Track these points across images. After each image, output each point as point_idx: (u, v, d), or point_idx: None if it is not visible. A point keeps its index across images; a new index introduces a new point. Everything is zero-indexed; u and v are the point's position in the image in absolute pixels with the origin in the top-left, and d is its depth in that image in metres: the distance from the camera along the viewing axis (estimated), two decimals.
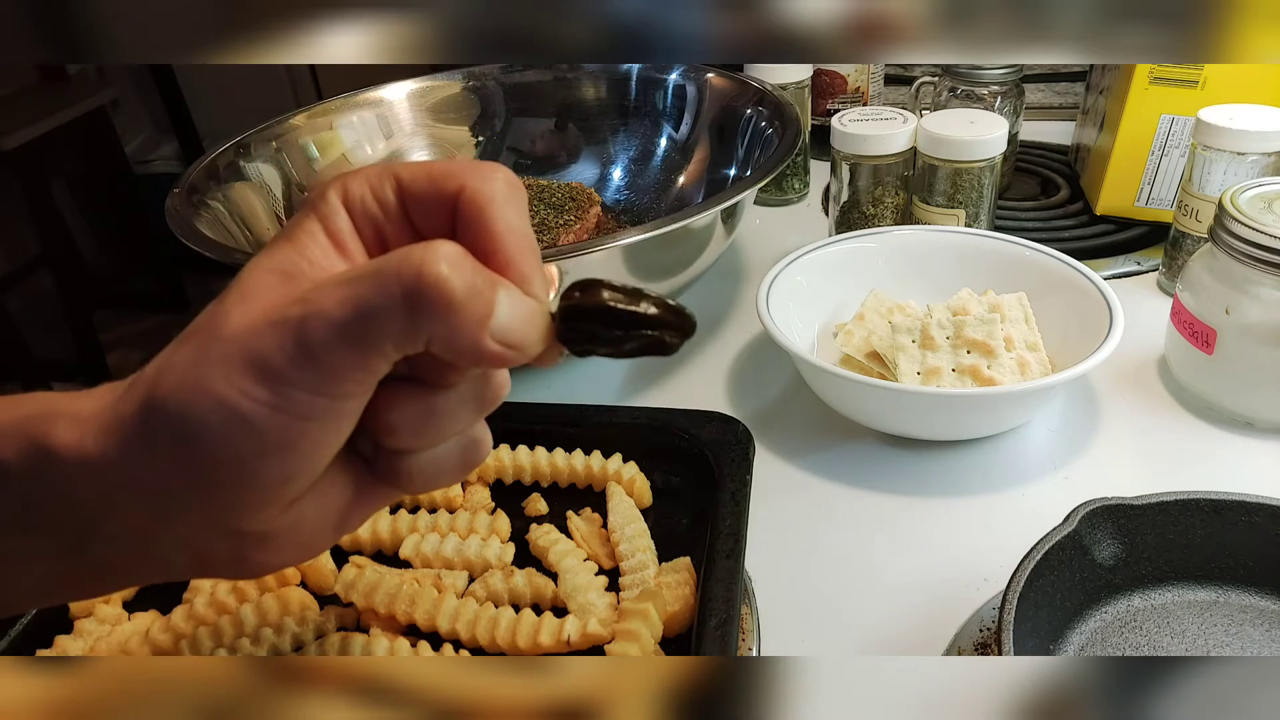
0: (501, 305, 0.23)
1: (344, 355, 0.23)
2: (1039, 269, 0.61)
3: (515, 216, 0.26)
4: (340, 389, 0.23)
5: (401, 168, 0.27)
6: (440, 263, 0.22)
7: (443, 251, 0.22)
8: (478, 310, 0.23)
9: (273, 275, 0.25)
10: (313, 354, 0.22)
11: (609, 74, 0.84)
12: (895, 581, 0.47)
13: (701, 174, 0.79)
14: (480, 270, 0.23)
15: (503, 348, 0.24)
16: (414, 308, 0.22)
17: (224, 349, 0.23)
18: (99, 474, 0.24)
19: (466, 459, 0.28)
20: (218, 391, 0.22)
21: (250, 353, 0.23)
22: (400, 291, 0.22)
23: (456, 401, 0.26)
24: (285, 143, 0.75)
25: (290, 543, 0.26)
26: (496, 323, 0.23)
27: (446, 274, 0.22)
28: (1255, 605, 0.42)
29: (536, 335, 0.25)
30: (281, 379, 0.22)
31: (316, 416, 0.23)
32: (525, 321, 0.24)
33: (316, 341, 0.22)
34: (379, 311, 0.22)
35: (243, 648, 0.40)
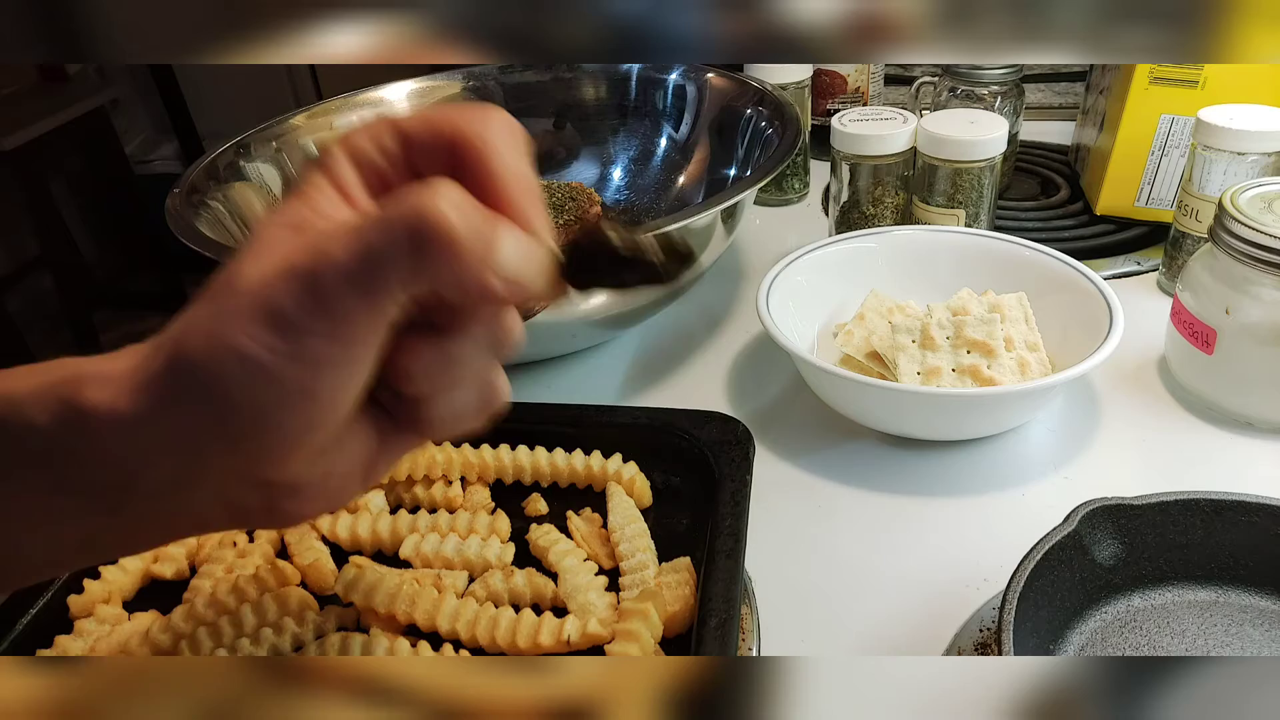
0: (504, 242, 0.24)
1: (354, 300, 0.23)
2: (1039, 269, 0.61)
3: (514, 158, 0.27)
4: (353, 333, 0.24)
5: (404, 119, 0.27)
6: (440, 201, 0.23)
7: (442, 191, 0.23)
8: (480, 247, 0.23)
9: (284, 229, 0.25)
10: (324, 300, 0.23)
11: (609, 74, 0.84)
12: (895, 581, 0.47)
13: (701, 174, 0.79)
14: (481, 209, 0.24)
15: (507, 284, 0.24)
16: (418, 248, 0.23)
17: (240, 302, 0.23)
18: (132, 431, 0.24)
19: (485, 403, 0.29)
20: (236, 343, 0.23)
21: (265, 303, 0.23)
22: (404, 233, 0.23)
23: (471, 345, 0.27)
24: (285, 143, 0.75)
25: (320, 492, 0.27)
26: (500, 259, 0.24)
27: (447, 212, 0.23)
28: (1255, 605, 0.42)
29: (540, 272, 0.25)
30: (296, 327, 0.23)
31: (333, 363, 0.24)
32: (528, 258, 0.25)
33: (327, 288, 0.23)
34: (385, 254, 0.23)
35: (243, 648, 0.40)
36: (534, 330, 0.57)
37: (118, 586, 0.44)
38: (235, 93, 2.44)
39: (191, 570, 0.46)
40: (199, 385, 0.23)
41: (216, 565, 0.45)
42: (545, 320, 0.56)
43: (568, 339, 0.63)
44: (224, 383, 0.23)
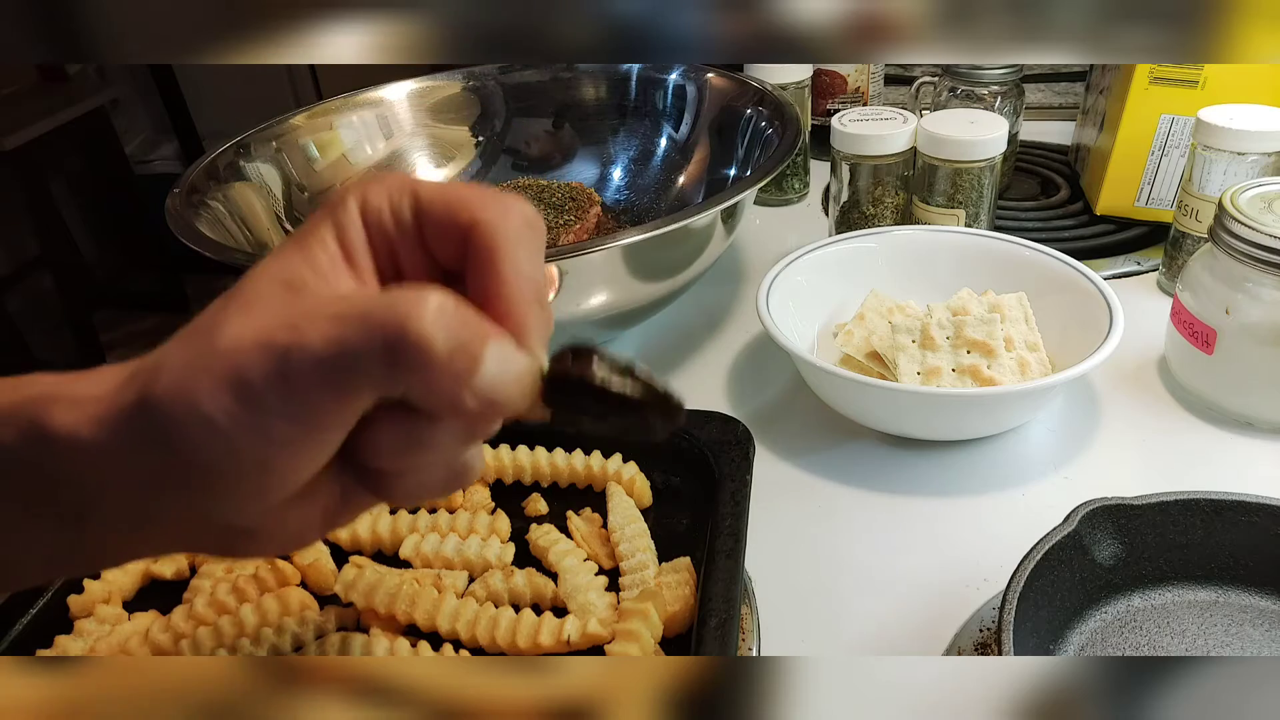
0: (488, 362, 0.23)
1: (322, 392, 0.23)
2: (1039, 269, 0.61)
3: (525, 261, 0.26)
4: (317, 421, 0.23)
5: (423, 186, 0.27)
6: (424, 318, 0.22)
7: (430, 304, 0.22)
8: (459, 367, 0.23)
9: (276, 285, 0.25)
10: (292, 385, 0.22)
11: (609, 74, 0.84)
12: (895, 581, 0.47)
13: (701, 174, 0.79)
14: (470, 323, 0.23)
15: (483, 405, 0.23)
16: (393, 359, 0.22)
17: (214, 362, 0.23)
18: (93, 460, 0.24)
19: (453, 482, 0.28)
20: (202, 405, 0.23)
21: (236, 371, 0.23)
22: (382, 341, 0.22)
23: (444, 432, 0.26)
24: (285, 143, 0.75)
25: (276, 538, 0.27)
26: (480, 380, 0.23)
27: (429, 331, 0.22)
28: (1255, 605, 0.42)
29: (521, 393, 0.24)
30: (261, 405, 0.23)
31: (293, 443, 0.23)
32: (511, 379, 0.24)
33: (297, 374, 0.22)
34: (359, 356, 0.22)
35: (243, 648, 0.40)
36: None
37: (118, 586, 0.44)
38: (235, 93, 2.44)
39: (191, 570, 0.46)
40: (160, 433, 0.23)
41: (216, 565, 0.45)
42: None
43: (568, 339, 0.63)
44: (183, 438, 0.23)
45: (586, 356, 0.25)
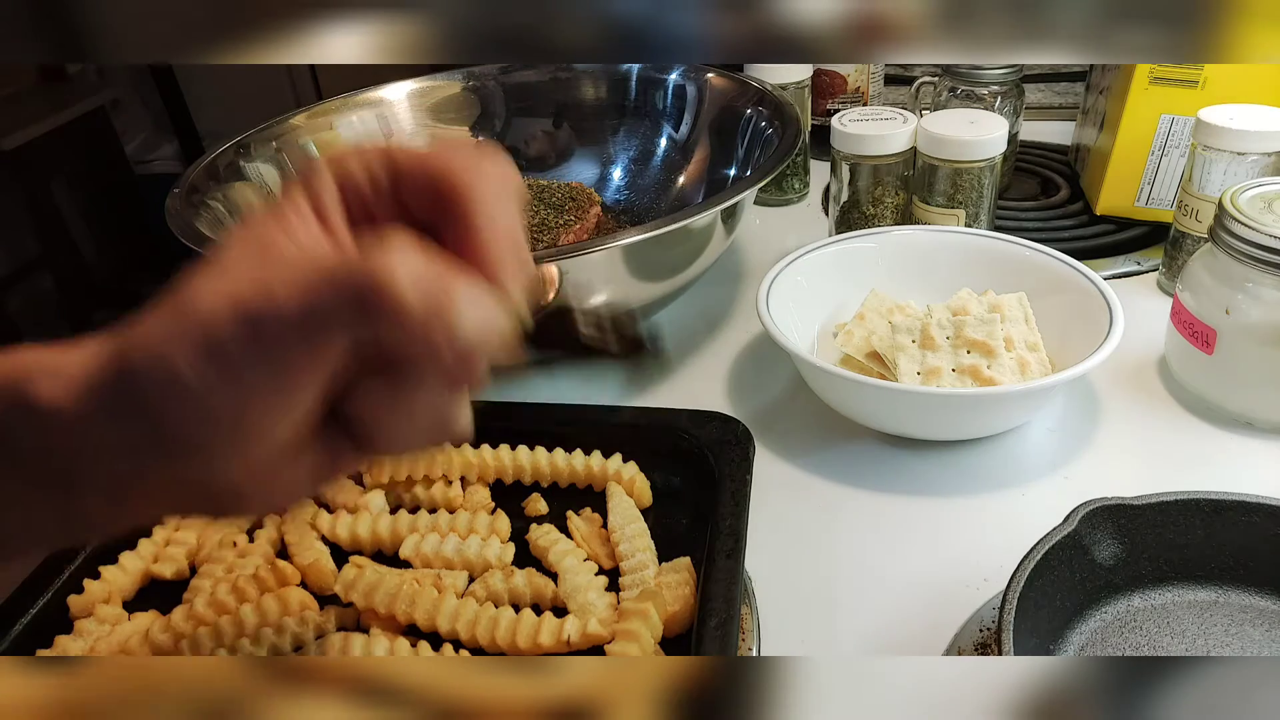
0: (463, 308, 0.23)
1: (294, 348, 0.23)
2: (1039, 269, 0.61)
3: (500, 211, 0.26)
4: (291, 378, 0.24)
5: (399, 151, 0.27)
6: (394, 267, 0.22)
7: (399, 255, 0.22)
8: (434, 314, 0.23)
9: (249, 248, 0.25)
10: (264, 343, 0.23)
11: (609, 74, 0.84)
12: (895, 581, 0.47)
13: (701, 174, 0.79)
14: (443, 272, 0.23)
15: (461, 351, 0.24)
16: (364, 311, 0.22)
17: (186, 325, 0.23)
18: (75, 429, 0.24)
19: (439, 435, 0.28)
20: (176, 368, 0.23)
21: (208, 333, 0.23)
22: (352, 293, 0.22)
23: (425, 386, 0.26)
24: (285, 143, 0.75)
25: (265, 496, 0.27)
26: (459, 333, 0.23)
27: (400, 280, 0.22)
28: (1255, 605, 0.42)
29: (499, 339, 0.25)
30: (233, 363, 0.23)
31: (268, 401, 0.24)
32: (487, 326, 0.24)
33: (268, 332, 0.23)
34: (330, 311, 0.22)
35: (243, 648, 0.40)
36: None
37: (118, 586, 0.44)
38: (235, 93, 2.44)
39: (191, 570, 0.46)
40: (137, 399, 0.23)
41: (216, 565, 0.45)
42: None
43: None
44: (159, 403, 0.23)
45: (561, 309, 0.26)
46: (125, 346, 0.24)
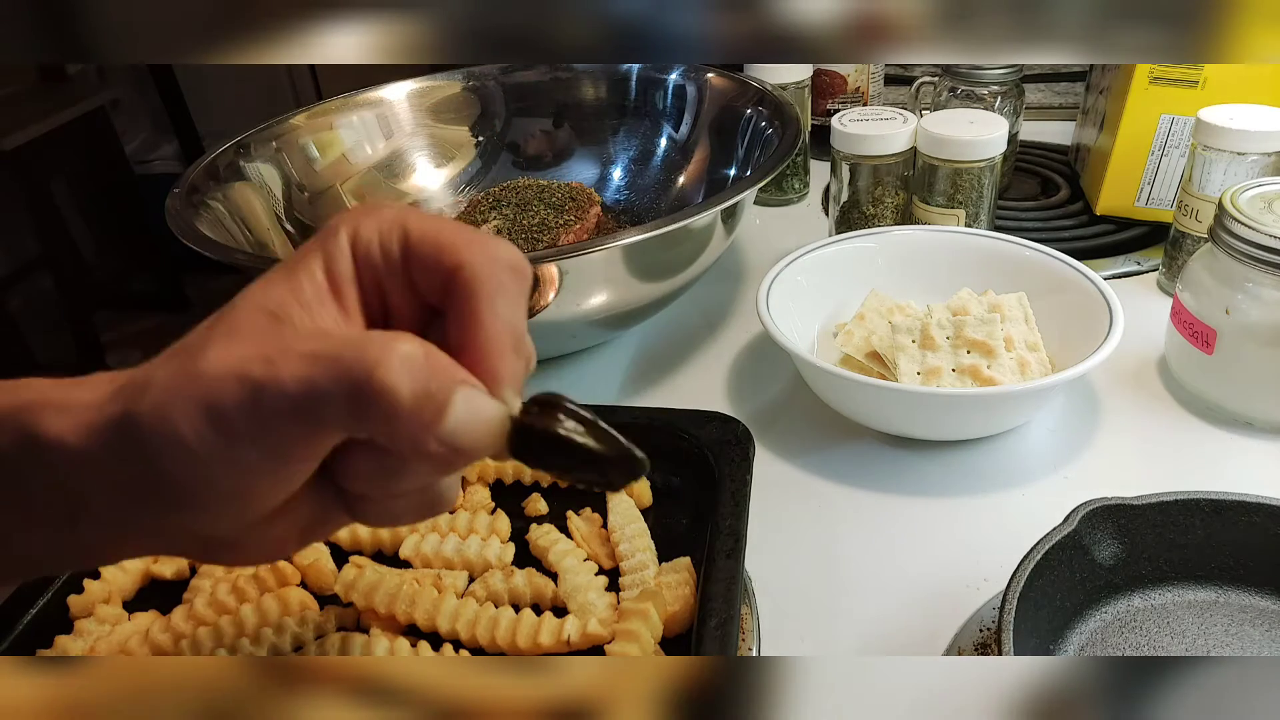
0: (455, 410, 0.23)
1: (291, 427, 0.23)
2: (1039, 269, 0.61)
3: (506, 308, 0.26)
4: (287, 452, 0.24)
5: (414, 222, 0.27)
6: (391, 366, 0.22)
7: (398, 353, 0.22)
8: (424, 414, 0.23)
9: (262, 315, 0.25)
10: (263, 418, 0.23)
11: (609, 74, 0.84)
12: (895, 581, 0.47)
13: (701, 174, 0.79)
14: (439, 371, 0.23)
15: (448, 450, 0.24)
16: (358, 404, 0.23)
17: (193, 387, 0.23)
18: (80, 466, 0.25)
19: (426, 510, 0.28)
20: (179, 429, 0.23)
21: (212, 399, 0.23)
22: (349, 385, 0.22)
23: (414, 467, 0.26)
24: (285, 143, 0.75)
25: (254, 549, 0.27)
26: (445, 427, 0.23)
27: (394, 381, 0.22)
28: (1255, 605, 0.42)
29: (488, 441, 0.25)
30: (233, 433, 0.23)
31: (264, 472, 0.24)
32: (478, 428, 0.24)
33: (268, 409, 0.23)
34: (328, 398, 0.23)
35: (243, 648, 0.40)
36: (534, 330, 0.57)
37: (118, 586, 0.44)
38: (235, 93, 2.44)
39: (191, 570, 0.46)
40: (141, 448, 0.24)
41: (216, 565, 0.45)
42: (545, 320, 0.56)
43: (567, 339, 0.63)
44: (161, 457, 0.24)
45: (553, 409, 0.25)
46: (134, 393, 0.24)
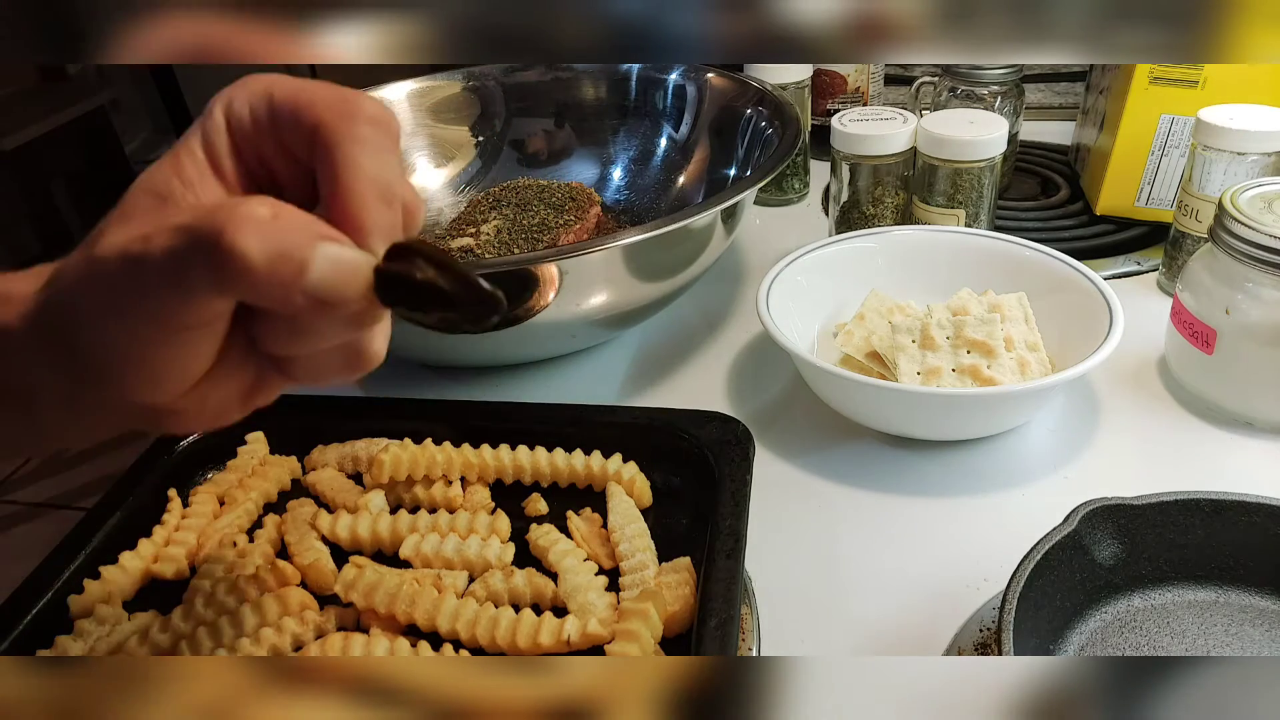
0: (317, 264, 0.24)
1: (169, 296, 0.24)
2: (1039, 269, 0.61)
3: (369, 160, 0.26)
4: (177, 322, 0.25)
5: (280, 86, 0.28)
6: (239, 230, 0.23)
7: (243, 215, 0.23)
8: (283, 273, 0.23)
9: (148, 197, 0.27)
10: (145, 292, 0.24)
11: (609, 74, 0.84)
12: (895, 581, 0.47)
13: (701, 174, 0.79)
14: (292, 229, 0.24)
15: (316, 303, 0.24)
16: (217, 270, 0.23)
17: (89, 268, 0.25)
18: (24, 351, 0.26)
19: (352, 365, 0.29)
20: (79, 305, 0.25)
21: (104, 278, 0.24)
22: (205, 252, 0.23)
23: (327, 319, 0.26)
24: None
25: (198, 415, 0.28)
26: (309, 281, 0.24)
27: (242, 244, 0.23)
28: (1255, 605, 0.42)
29: (355, 292, 0.25)
30: (124, 308, 0.24)
31: (164, 342, 0.25)
32: (342, 280, 0.24)
33: (147, 282, 0.24)
34: (191, 265, 0.23)
35: (243, 648, 0.40)
36: (534, 330, 0.57)
37: (118, 586, 0.44)
38: None
39: (191, 570, 0.46)
40: (59, 330, 0.25)
41: (216, 565, 0.45)
42: (545, 320, 0.56)
43: (567, 339, 0.63)
44: (75, 336, 0.25)
45: (411, 254, 0.26)
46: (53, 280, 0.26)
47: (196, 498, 0.49)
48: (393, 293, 0.26)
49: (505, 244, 0.67)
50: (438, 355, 0.64)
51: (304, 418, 0.55)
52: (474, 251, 0.67)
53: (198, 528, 0.47)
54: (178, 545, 0.47)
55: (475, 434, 0.51)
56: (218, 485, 0.50)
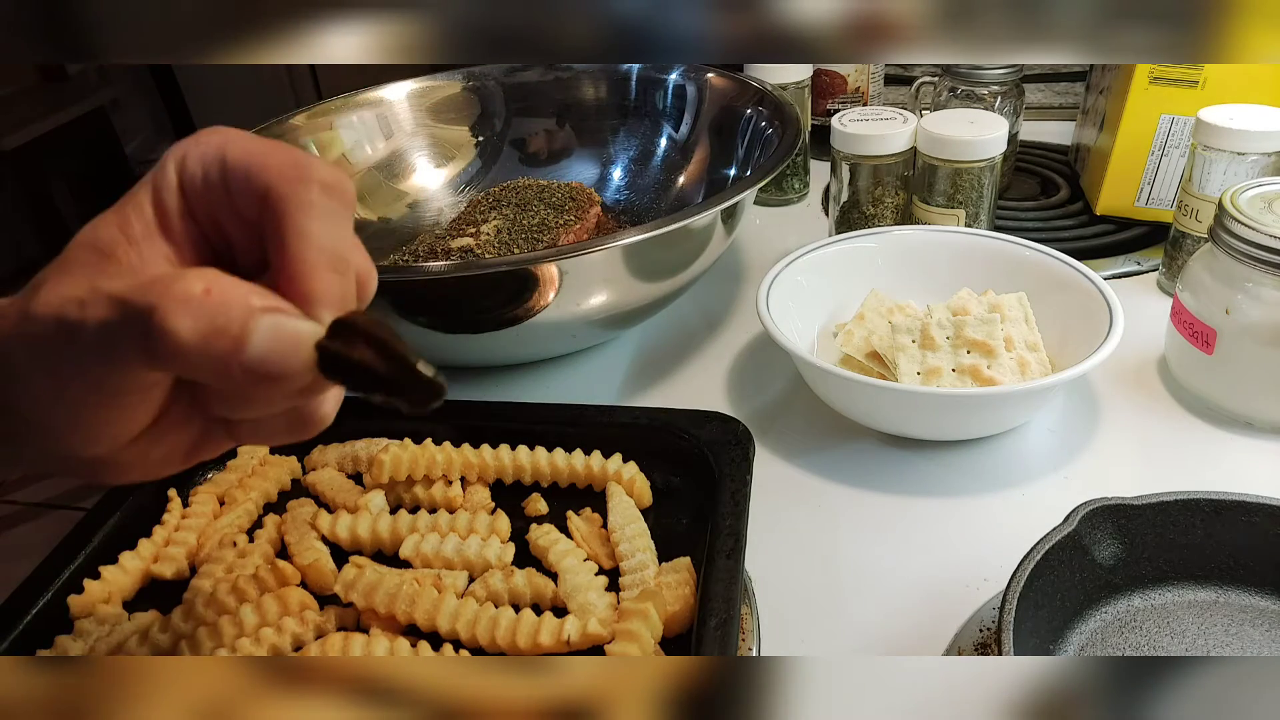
0: (255, 338, 0.23)
1: (104, 367, 0.24)
2: (1039, 269, 0.61)
3: (319, 226, 0.26)
4: (112, 389, 0.24)
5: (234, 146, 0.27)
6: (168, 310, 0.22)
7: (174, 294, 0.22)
8: (218, 350, 0.23)
9: (90, 251, 0.26)
10: (79, 359, 0.24)
11: (609, 74, 0.84)
12: (895, 581, 0.47)
13: (701, 174, 0.79)
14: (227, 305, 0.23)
15: (254, 379, 0.24)
16: (148, 347, 0.23)
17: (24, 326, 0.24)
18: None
19: (297, 430, 0.28)
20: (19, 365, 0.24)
21: (39, 340, 0.24)
22: (137, 329, 0.23)
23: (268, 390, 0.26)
24: (285, 142, 0.75)
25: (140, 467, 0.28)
26: (247, 356, 0.23)
27: (172, 324, 0.22)
28: (1255, 605, 0.42)
29: (299, 366, 0.24)
30: (59, 372, 0.24)
31: (99, 405, 0.24)
32: (284, 354, 0.24)
33: (80, 350, 0.23)
34: (124, 341, 0.23)
35: (243, 648, 0.40)
36: (534, 330, 0.57)
37: (118, 586, 0.44)
38: (235, 93, 2.44)
39: (191, 570, 0.46)
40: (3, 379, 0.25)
41: (216, 565, 0.45)
42: (545, 320, 0.56)
43: (568, 339, 0.63)
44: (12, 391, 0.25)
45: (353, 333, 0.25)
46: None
47: (196, 498, 0.49)
48: (333, 370, 0.25)
49: (505, 244, 0.67)
50: (438, 355, 0.64)
51: None
52: (474, 251, 0.67)
53: (198, 528, 0.47)
54: (178, 545, 0.47)
55: (475, 434, 0.51)
56: (218, 485, 0.50)
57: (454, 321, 0.58)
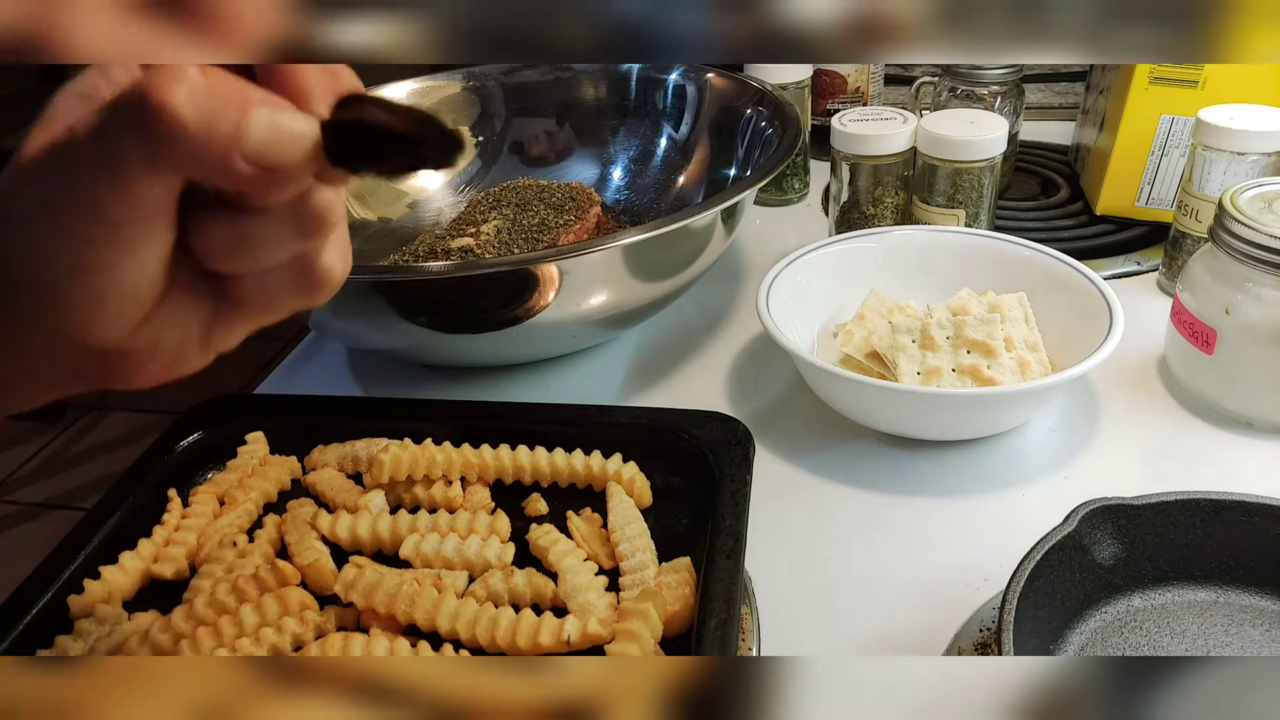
0: (254, 127, 0.23)
1: (100, 182, 0.23)
2: (1039, 269, 0.61)
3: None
4: (114, 213, 0.23)
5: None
6: (168, 87, 0.22)
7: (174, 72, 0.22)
8: (220, 134, 0.22)
9: (76, 98, 0.25)
10: (75, 182, 0.23)
11: (609, 74, 0.84)
12: (895, 581, 0.47)
13: (701, 174, 0.79)
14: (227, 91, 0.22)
15: (259, 170, 0.23)
16: (147, 134, 0.22)
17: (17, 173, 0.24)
18: None
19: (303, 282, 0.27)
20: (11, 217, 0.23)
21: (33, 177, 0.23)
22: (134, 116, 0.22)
23: (270, 225, 0.25)
24: None
25: (153, 359, 0.27)
26: (248, 145, 0.22)
27: (172, 99, 0.21)
28: (1255, 605, 0.42)
29: (299, 152, 0.24)
30: (57, 208, 0.23)
31: (102, 241, 0.23)
32: (285, 140, 0.23)
33: (76, 168, 0.23)
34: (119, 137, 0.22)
35: (243, 648, 0.40)
36: (534, 330, 0.57)
37: (118, 586, 0.44)
38: None
39: (191, 570, 0.46)
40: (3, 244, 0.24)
41: (216, 565, 0.45)
42: (545, 320, 0.56)
43: (567, 339, 0.63)
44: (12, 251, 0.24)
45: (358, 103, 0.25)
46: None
47: (196, 498, 0.49)
48: (345, 148, 0.24)
49: (505, 244, 0.67)
50: (438, 355, 0.64)
51: (304, 418, 0.55)
52: (474, 251, 0.67)
53: (198, 528, 0.47)
54: (178, 545, 0.47)
55: (475, 434, 0.51)
56: (218, 485, 0.50)
57: (454, 321, 0.58)
